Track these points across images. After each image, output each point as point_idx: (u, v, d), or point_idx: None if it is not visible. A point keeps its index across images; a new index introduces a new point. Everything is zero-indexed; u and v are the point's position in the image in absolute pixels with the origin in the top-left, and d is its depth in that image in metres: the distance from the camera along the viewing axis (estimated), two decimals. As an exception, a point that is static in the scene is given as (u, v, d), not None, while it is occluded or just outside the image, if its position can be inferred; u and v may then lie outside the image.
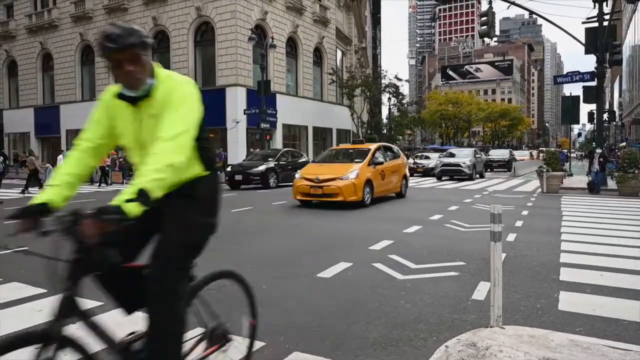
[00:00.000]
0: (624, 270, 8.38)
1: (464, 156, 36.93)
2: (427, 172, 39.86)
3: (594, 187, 24.73)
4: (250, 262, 9.09)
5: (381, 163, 19.71)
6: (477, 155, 38.25)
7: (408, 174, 23.73)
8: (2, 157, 25.13)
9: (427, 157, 45.45)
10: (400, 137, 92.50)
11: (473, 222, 14.21)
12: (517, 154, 61.92)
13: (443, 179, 35.59)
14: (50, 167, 31.89)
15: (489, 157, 52.18)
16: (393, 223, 14.02)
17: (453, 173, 35.17)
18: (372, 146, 20.75)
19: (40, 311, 6.32)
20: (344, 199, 17.61)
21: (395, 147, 24.52)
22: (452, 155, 38.70)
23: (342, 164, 19.63)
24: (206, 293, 4.04)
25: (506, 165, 49.01)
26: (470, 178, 34.55)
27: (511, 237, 11.62)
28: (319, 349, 5.07)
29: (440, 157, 40.12)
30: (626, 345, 4.93)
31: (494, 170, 49.43)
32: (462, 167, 34.59)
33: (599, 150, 26.31)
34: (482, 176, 38.31)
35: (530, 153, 70.47)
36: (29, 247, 10.48)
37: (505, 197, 22.71)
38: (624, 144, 67.82)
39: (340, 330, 5.59)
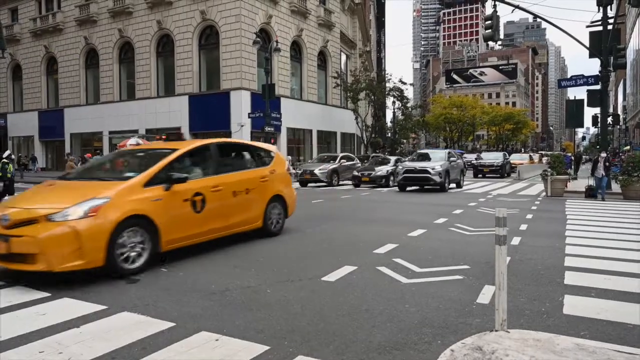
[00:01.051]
0: (629, 274, 8.37)
1: (436, 160, 29.51)
2: (376, 181, 31.85)
3: (594, 193, 23.80)
4: (255, 266, 9.09)
5: (183, 180, 9.90)
6: (451, 159, 30.12)
7: (288, 193, 13.39)
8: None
9: (382, 162, 35.81)
10: (405, 141, 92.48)
11: (478, 225, 14.19)
12: (515, 158, 58.43)
13: (408, 189, 28.53)
14: None
15: (480, 161, 46.73)
16: (398, 226, 13.99)
17: (419, 181, 28.00)
18: (184, 146, 11.11)
19: (44, 315, 6.32)
20: (49, 268, 7.85)
21: (259, 145, 14.29)
22: (422, 157, 31.16)
23: (93, 184, 9.75)
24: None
25: (499, 171, 43.67)
26: (441, 188, 27.43)
27: (516, 240, 11.59)
28: (324, 352, 5.07)
29: (403, 161, 34.04)
30: (631, 349, 4.92)
31: (486, 176, 43.85)
32: (430, 173, 27.20)
33: (603, 155, 24.41)
34: (459, 185, 30.92)
35: (530, 156, 64.46)
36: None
37: (510, 200, 22.66)
38: (628, 147, 67.79)
39: (345, 334, 5.59)
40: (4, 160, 22.87)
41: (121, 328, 5.80)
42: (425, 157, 30.75)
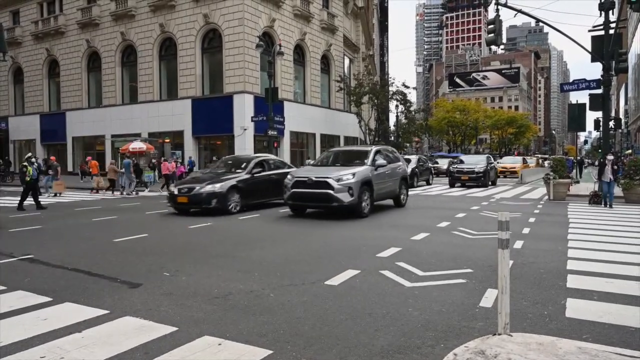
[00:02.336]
0: (631, 277, 8.37)
1: (354, 164, 18.79)
2: (202, 203, 18.93)
3: (602, 200, 21.73)
4: (258, 270, 9.08)
5: None
6: (378, 163, 18.92)
7: None
8: (37, 164, 24.46)
9: (234, 168, 21.78)
10: (408, 145, 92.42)
11: (480, 229, 14.18)
12: (507, 161, 54.57)
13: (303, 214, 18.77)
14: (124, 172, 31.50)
15: (456, 167, 36.82)
16: (401, 230, 13.99)
17: (315, 201, 17.73)
18: None
19: (45, 320, 6.31)
20: None
21: None
22: (336, 160, 20.14)
23: None
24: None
25: (480, 179, 34.72)
26: (354, 211, 17.33)
27: (518, 244, 11.59)
28: (327, 357, 5.06)
29: (307, 164, 23.94)
30: (634, 352, 4.91)
31: (466, 185, 35.40)
32: (333, 188, 16.92)
33: (610, 157, 22.30)
34: (398, 202, 20.92)
35: (524, 159, 58.92)
36: (34, 255, 10.55)
37: (513, 204, 22.64)
38: (629, 151, 67.80)
39: (348, 338, 5.59)
40: (23, 163, 22.77)
41: (123, 333, 5.80)
42: (340, 160, 19.98)
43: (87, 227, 15.76)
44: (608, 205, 21.13)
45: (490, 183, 36.20)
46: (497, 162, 51.46)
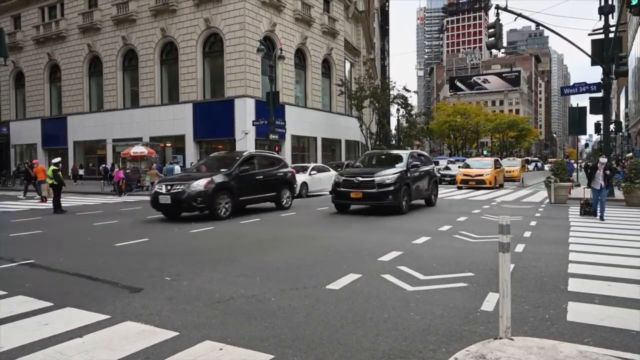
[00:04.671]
0: (632, 280, 8.36)
1: None
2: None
3: (592, 210, 18.60)
4: (259, 274, 9.07)
5: None
6: None
7: None
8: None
9: None
10: (409, 148, 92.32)
11: (482, 232, 14.16)
12: (475, 165, 39.44)
13: None
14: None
15: (346, 174, 20.28)
16: (402, 234, 13.97)
17: None
18: None
19: (46, 325, 6.30)
20: None
21: None
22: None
23: None
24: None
25: (386, 197, 18.87)
26: None
27: (520, 247, 11.57)
28: (328, 360, 5.06)
29: None
30: (635, 355, 4.92)
31: (372, 206, 20.42)
32: None
33: (603, 160, 19.05)
34: None
35: (496, 161, 41.66)
36: (35, 260, 10.54)
37: (514, 207, 22.62)
38: (630, 154, 67.75)
39: (349, 342, 5.58)
40: (54, 167, 23.07)
41: (124, 338, 5.79)
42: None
43: (87, 231, 15.77)
44: (599, 217, 17.82)
45: (404, 205, 19.64)
46: (461, 167, 41.43)
